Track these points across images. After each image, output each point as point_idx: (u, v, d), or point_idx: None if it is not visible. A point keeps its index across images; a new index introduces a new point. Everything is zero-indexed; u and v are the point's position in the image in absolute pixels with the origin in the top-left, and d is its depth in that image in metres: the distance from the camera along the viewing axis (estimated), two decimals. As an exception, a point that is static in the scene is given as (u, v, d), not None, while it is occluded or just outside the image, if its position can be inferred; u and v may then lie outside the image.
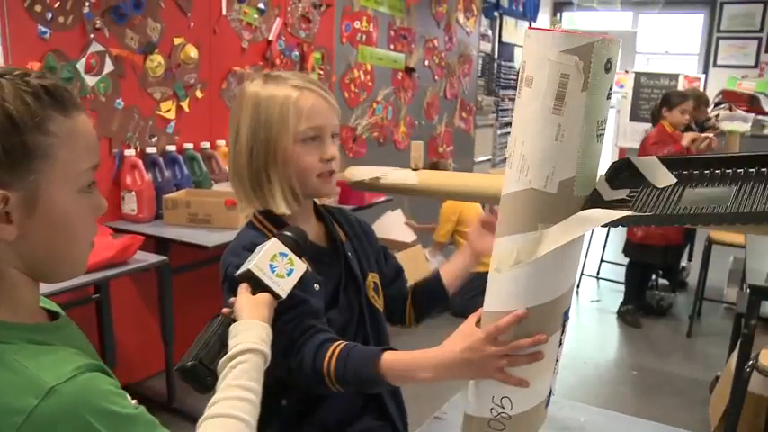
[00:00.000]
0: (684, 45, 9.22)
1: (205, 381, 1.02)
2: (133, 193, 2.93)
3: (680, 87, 7.99)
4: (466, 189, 1.14)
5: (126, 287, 2.97)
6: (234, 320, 1.07)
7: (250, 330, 1.03)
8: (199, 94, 3.32)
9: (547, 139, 0.90)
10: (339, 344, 1.13)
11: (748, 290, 2.57)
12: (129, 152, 2.97)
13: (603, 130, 0.93)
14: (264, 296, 1.09)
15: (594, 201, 0.93)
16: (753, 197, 0.87)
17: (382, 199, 3.99)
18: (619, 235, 4.89)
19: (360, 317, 1.32)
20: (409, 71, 5.15)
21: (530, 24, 7.75)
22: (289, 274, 1.11)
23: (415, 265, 4.20)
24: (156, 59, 3.07)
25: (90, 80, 2.80)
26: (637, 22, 9.21)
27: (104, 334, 2.57)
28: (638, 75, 8.32)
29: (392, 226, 4.50)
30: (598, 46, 0.87)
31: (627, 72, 8.53)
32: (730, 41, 8.76)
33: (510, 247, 0.97)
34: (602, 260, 5.26)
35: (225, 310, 1.11)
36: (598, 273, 5.18)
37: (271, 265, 1.10)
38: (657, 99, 7.98)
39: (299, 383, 1.17)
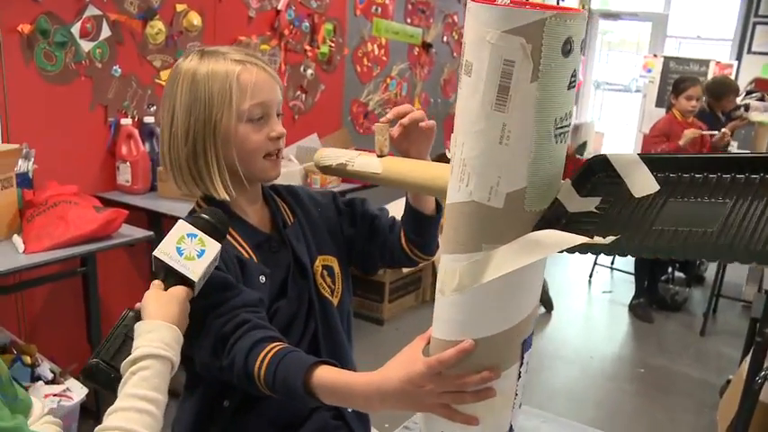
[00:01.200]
0: (718, 29, 8.92)
1: (108, 381, 0.94)
2: (128, 163, 2.84)
3: (710, 74, 7.73)
4: (438, 184, 1.01)
5: (117, 260, 2.90)
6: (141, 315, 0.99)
7: (153, 332, 0.94)
8: (201, 64, 3.21)
9: (489, 142, 0.75)
10: (274, 346, 1.02)
11: (765, 294, 2.43)
12: (126, 121, 2.87)
13: (566, 127, 0.76)
14: (176, 291, 1.00)
15: (554, 215, 0.77)
16: (746, 221, 0.68)
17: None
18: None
19: (309, 308, 1.23)
20: (426, 47, 4.98)
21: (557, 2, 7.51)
22: (200, 256, 1.01)
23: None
24: (157, 26, 2.96)
25: (86, 45, 2.70)
26: (669, 4, 8.90)
27: (90, 306, 2.50)
28: (666, 59, 8.03)
29: None
30: (552, 23, 0.69)
31: (655, 56, 8.26)
32: None
33: (452, 268, 0.82)
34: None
35: (137, 304, 1.02)
36: (612, 262, 5.02)
37: (178, 248, 1.01)
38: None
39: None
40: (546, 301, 4.24)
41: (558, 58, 0.71)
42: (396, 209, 1.33)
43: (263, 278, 1.15)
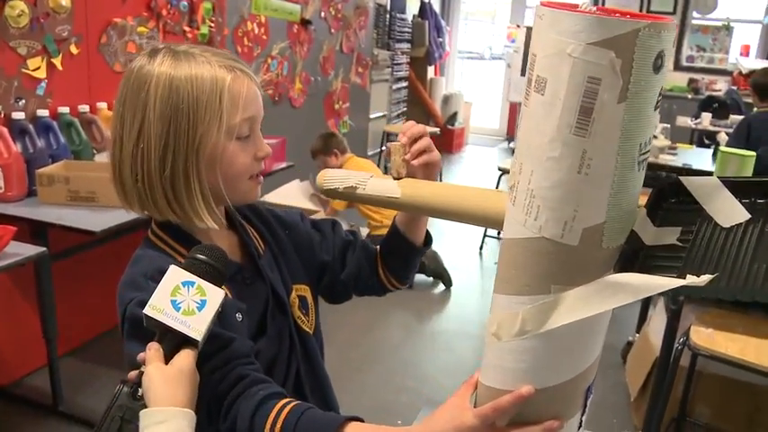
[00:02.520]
0: None
1: None
2: (-1, 167, 2.49)
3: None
4: (464, 208, 0.89)
5: (-5, 278, 2.55)
6: (140, 393, 0.81)
7: (166, 423, 0.77)
8: (74, 50, 2.86)
9: (566, 171, 0.65)
10: (284, 405, 0.88)
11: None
12: (-9, 119, 2.51)
13: (648, 153, 0.68)
14: (182, 362, 0.83)
15: (631, 252, 0.69)
16: None
17: (283, 165, 3.70)
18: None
19: (290, 345, 1.09)
20: (305, 23, 4.80)
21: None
22: (200, 308, 0.85)
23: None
24: (18, 6, 2.58)
25: (-64, 33, 2.31)
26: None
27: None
28: (528, 29, 8.30)
29: (297, 194, 4.23)
30: (645, 35, 0.60)
31: (518, 26, 8.51)
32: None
33: (513, 310, 0.73)
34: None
35: (131, 374, 0.84)
36: (499, 232, 5.12)
37: (173, 302, 0.83)
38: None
39: None
40: (445, 278, 4.26)
41: (649, 75, 0.62)
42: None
43: (240, 315, 0.99)
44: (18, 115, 2.60)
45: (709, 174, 3.14)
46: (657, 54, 0.62)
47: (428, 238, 1.18)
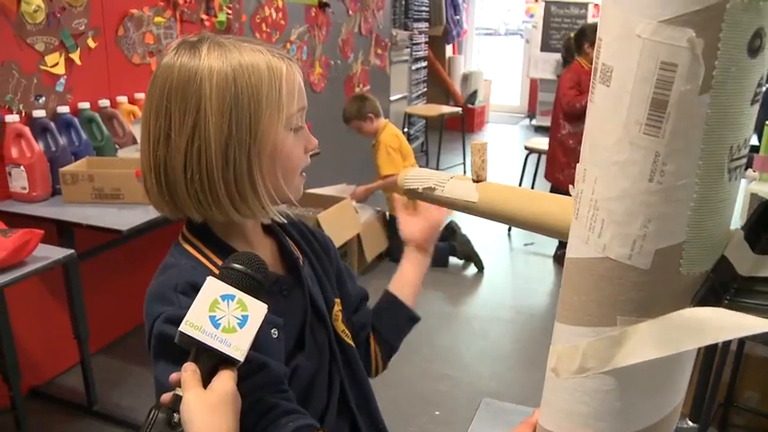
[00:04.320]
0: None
1: None
2: (22, 167, 2.44)
3: (590, 17, 7.88)
4: (544, 219, 0.78)
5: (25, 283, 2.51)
6: (176, 419, 0.73)
7: None
8: (92, 44, 2.80)
9: (634, 179, 0.54)
10: None
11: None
12: (12, 118, 2.45)
13: (743, 159, 0.55)
14: (222, 386, 0.74)
15: (719, 283, 0.56)
16: None
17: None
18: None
19: (331, 360, 1.02)
20: (323, 6, 4.69)
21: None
22: (242, 325, 0.76)
23: (345, 220, 3.91)
24: (34, 2, 2.52)
25: (-48, 32, 2.26)
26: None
27: (2, 343, 2.13)
28: (547, 3, 8.12)
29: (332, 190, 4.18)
30: (736, 7, 0.48)
31: (537, 1, 8.33)
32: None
33: (573, 343, 0.63)
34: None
35: (164, 397, 0.75)
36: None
37: (212, 318, 0.75)
38: (568, 29, 7.91)
39: None
40: (476, 261, 4.17)
41: (741, 59, 0.50)
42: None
43: (276, 332, 0.90)
44: (39, 113, 2.55)
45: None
46: (755, 32, 0.50)
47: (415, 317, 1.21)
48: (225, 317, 0.75)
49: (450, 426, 2.65)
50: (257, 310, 0.77)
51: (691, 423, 2.48)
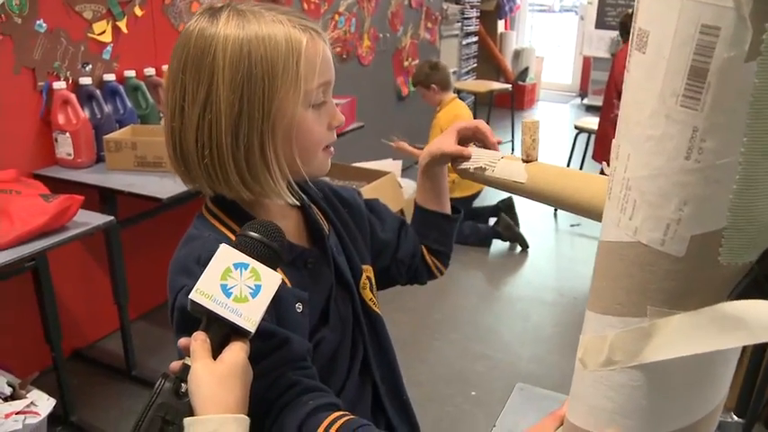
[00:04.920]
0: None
1: None
2: (67, 134, 2.46)
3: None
4: (592, 203, 0.75)
5: (69, 246, 2.56)
6: (184, 389, 0.71)
7: None
8: (138, 12, 2.80)
9: (669, 156, 0.49)
10: (337, 419, 0.77)
11: None
12: (59, 85, 2.47)
13: None
14: (232, 358, 0.72)
15: (764, 275, 0.51)
16: None
17: (354, 126, 3.59)
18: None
19: (356, 331, 1.00)
20: (373, -23, 4.63)
21: None
22: (255, 295, 0.73)
23: (388, 194, 3.87)
24: (83, -31, 2.53)
25: (1, -3, 2.27)
26: None
27: (45, 303, 2.17)
28: (605, -22, 7.85)
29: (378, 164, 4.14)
30: None
31: (594, -25, 8.07)
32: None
33: (601, 333, 0.58)
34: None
35: (173, 364, 0.73)
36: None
37: (223, 286, 0.72)
38: (625, 5, 7.65)
39: None
40: (521, 241, 4.10)
41: None
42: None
43: (300, 306, 0.88)
44: (85, 81, 2.57)
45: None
46: None
47: (455, 210, 1.15)
48: (237, 286, 0.73)
49: (486, 407, 2.61)
50: (271, 280, 0.74)
51: (736, 418, 2.38)
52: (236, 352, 0.72)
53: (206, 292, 0.72)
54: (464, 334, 3.16)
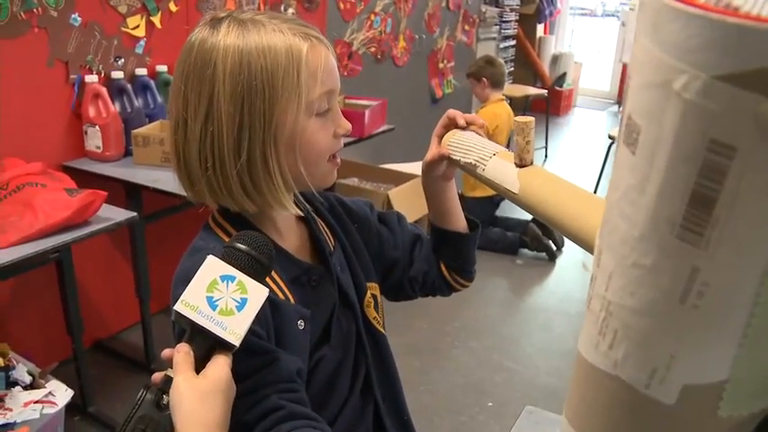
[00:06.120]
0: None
1: None
2: (97, 127, 2.49)
3: None
4: (584, 228, 0.65)
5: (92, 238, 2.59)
6: (165, 401, 0.69)
7: None
8: (173, 7, 2.82)
9: (662, 293, 0.38)
10: None
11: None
12: (91, 78, 2.50)
13: None
14: (216, 373, 0.70)
15: None
16: None
17: (384, 128, 3.56)
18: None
19: (358, 350, 0.98)
20: (410, -22, 4.60)
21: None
22: (240, 308, 0.72)
23: (416, 197, 3.84)
24: (120, -36, 2.55)
25: (37, -10, 2.30)
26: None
27: (68, 294, 2.19)
28: (649, -16, 7.71)
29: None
30: None
31: (638, -20, 7.94)
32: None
33: None
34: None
35: (155, 375, 0.73)
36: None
37: (209, 298, 0.72)
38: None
39: None
40: (549, 251, 4.03)
41: None
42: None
43: (302, 323, 0.87)
44: (117, 74, 2.59)
45: None
46: None
47: (472, 223, 1.10)
48: (223, 298, 0.72)
49: (502, 419, 2.58)
50: (257, 294, 0.73)
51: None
52: (221, 366, 0.71)
53: (191, 303, 0.72)
54: (484, 343, 3.13)
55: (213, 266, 0.73)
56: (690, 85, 0.32)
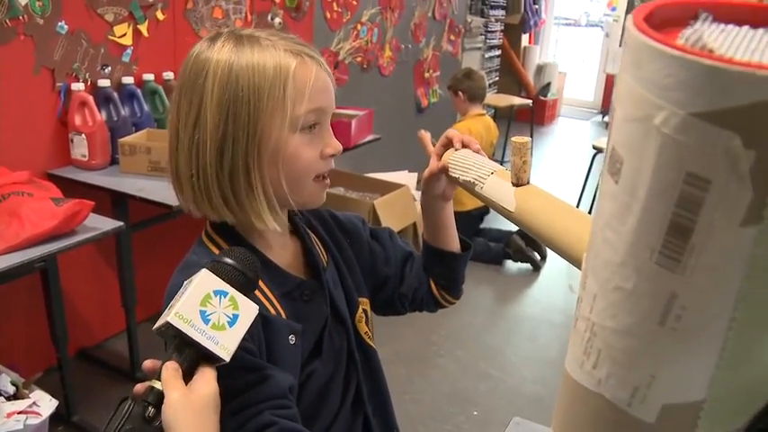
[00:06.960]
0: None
1: None
2: (83, 135, 2.48)
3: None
4: (577, 250, 0.68)
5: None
6: (151, 412, 0.69)
7: None
8: (160, 16, 2.82)
9: (642, 316, 0.40)
10: None
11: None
12: (78, 86, 2.49)
13: None
14: (205, 389, 0.71)
15: None
16: None
17: (370, 138, 3.58)
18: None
19: (350, 364, 0.99)
20: (397, -12, 4.63)
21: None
22: (232, 324, 0.73)
23: (401, 207, 3.86)
24: (107, -27, 2.55)
25: (24, -2, 2.30)
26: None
27: (53, 303, 2.18)
28: (632, -4, 7.82)
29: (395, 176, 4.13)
30: None
31: (621, -8, 8.03)
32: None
33: None
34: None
35: (137, 388, 0.73)
36: (590, 211, 4.85)
37: (202, 312, 0.72)
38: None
39: None
40: (533, 262, 4.06)
41: None
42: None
43: (293, 338, 0.88)
44: (104, 83, 2.58)
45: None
46: None
47: (465, 243, 1.11)
48: (216, 313, 0.73)
49: (487, 427, 2.59)
50: (248, 310, 0.75)
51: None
52: (208, 381, 0.72)
53: (185, 316, 0.72)
54: (470, 352, 3.14)
55: (207, 281, 0.74)
56: (668, 120, 0.34)
